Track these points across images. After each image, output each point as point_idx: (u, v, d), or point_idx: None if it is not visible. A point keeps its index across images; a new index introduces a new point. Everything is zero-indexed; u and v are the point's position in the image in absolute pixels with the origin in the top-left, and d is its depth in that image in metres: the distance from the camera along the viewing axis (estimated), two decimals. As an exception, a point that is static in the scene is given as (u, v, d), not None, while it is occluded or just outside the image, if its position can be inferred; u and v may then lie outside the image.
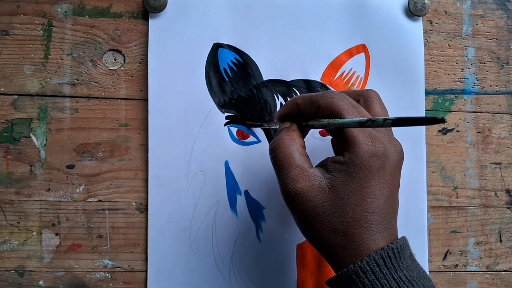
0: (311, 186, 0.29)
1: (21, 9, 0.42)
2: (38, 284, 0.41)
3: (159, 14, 0.42)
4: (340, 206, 0.28)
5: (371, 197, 0.28)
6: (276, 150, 0.31)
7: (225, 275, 0.42)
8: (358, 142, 0.28)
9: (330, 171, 0.29)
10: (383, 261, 0.27)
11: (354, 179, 0.28)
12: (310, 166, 0.30)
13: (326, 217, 0.28)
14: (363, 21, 0.43)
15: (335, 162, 0.29)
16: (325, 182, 0.29)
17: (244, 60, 0.42)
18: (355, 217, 0.28)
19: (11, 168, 0.41)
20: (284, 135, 0.31)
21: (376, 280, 0.26)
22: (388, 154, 0.29)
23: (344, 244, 0.28)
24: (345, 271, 0.28)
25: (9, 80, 0.42)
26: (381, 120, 0.26)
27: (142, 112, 0.42)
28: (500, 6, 0.46)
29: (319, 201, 0.29)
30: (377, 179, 0.28)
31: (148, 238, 0.41)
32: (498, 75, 0.45)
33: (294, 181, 0.29)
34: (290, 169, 0.30)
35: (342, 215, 0.28)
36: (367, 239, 0.28)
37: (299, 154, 0.30)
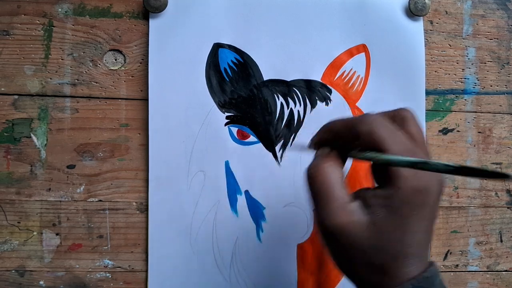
0: (351, 222, 0.27)
1: (22, 9, 0.42)
2: (39, 284, 0.41)
3: (159, 14, 0.42)
4: (379, 244, 0.27)
5: (412, 233, 0.27)
6: (315, 177, 0.29)
7: (225, 275, 0.42)
8: (402, 176, 0.27)
9: (370, 205, 0.28)
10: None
11: (395, 215, 0.27)
12: (350, 199, 0.28)
13: (363, 253, 0.27)
14: (363, 21, 0.43)
15: (376, 196, 0.28)
16: (364, 218, 0.27)
17: (245, 60, 0.42)
18: (394, 254, 0.27)
19: (11, 168, 0.41)
20: (324, 161, 0.29)
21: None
22: (430, 187, 0.27)
23: (378, 278, 0.27)
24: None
25: (10, 80, 0.42)
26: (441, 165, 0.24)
27: (142, 112, 0.42)
28: (501, 6, 0.46)
29: (357, 238, 0.27)
30: (419, 215, 0.27)
31: (149, 238, 0.41)
32: (498, 75, 0.45)
33: (334, 216, 0.27)
34: (329, 201, 0.28)
35: (380, 251, 0.27)
36: (401, 272, 0.27)
37: (339, 185, 0.28)
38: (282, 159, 0.42)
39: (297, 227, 0.42)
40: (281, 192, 0.42)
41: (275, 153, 0.42)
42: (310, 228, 0.42)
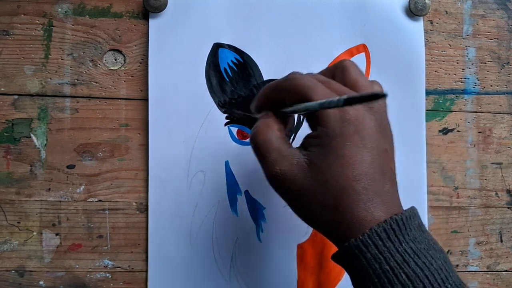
0: (290, 165, 0.28)
1: (22, 9, 0.42)
2: (39, 284, 0.41)
3: (159, 14, 0.42)
4: (322, 180, 0.27)
5: (351, 164, 0.27)
6: (254, 138, 0.30)
7: (225, 275, 0.42)
8: (326, 112, 0.28)
9: (307, 147, 0.29)
10: (386, 234, 0.26)
11: (329, 150, 0.27)
12: (289, 147, 0.29)
13: (312, 195, 0.28)
14: (363, 21, 0.43)
15: (309, 137, 0.29)
16: (303, 159, 0.28)
17: (245, 60, 0.42)
18: (340, 188, 0.27)
19: (11, 168, 0.41)
20: (260, 123, 0.31)
21: (379, 254, 0.26)
22: (363, 117, 0.28)
23: (338, 219, 0.27)
24: (346, 245, 0.27)
25: (10, 80, 0.42)
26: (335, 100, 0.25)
27: (142, 112, 0.42)
28: (501, 6, 0.46)
29: (301, 179, 0.28)
30: (353, 145, 0.27)
31: (149, 238, 0.41)
32: (498, 75, 0.45)
33: (274, 164, 0.29)
34: (268, 153, 0.29)
35: (327, 188, 0.27)
36: (358, 209, 0.27)
37: (276, 137, 0.30)
38: (282, 159, 0.42)
39: (297, 227, 0.42)
40: (281, 192, 0.42)
41: (275, 153, 0.42)
42: (310, 228, 0.42)
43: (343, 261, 0.28)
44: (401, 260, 0.25)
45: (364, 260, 0.26)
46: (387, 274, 0.25)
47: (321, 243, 0.42)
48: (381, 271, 0.26)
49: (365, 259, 0.26)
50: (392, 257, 0.26)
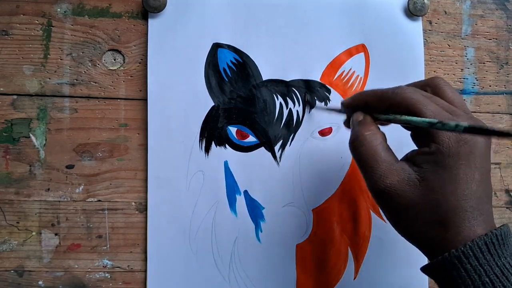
0: (401, 180, 0.28)
1: (21, 9, 0.42)
2: (38, 284, 0.41)
3: (158, 14, 0.42)
4: (433, 198, 0.27)
5: (463, 184, 0.27)
6: (359, 147, 0.30)
7: (224, 275, 0.42)
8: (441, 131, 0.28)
9: (418, 163, 0.28)
10: (487, 247, 0.26)
11: (444, 168, 0.27)
12: (396, 160, 0.29)
13: (419, 211, 0.28)
14: (362, 21, 0.43)
15: (421, 153, 0.29)
16: (414, 175, 0.28)
17: (244, 60, 0.42)
18: (450, 207, 0.27)
19: (10, 168, 0.41)
20: (364, 130, 0.31)
21: (479, 266, 0.26)
22: (474, 138, 0.28)
23: (441, 235, 0.27)
24: (446, 255, 0.27)
25: (9, 80, 0.42)
26: (453, 125, 0.26)
27: (141, 112, 0.42)
28: (500, 6, 0.46)
29: (410, 195, 0.28)
30: (467, 165, 0.27)
31: (148, 238, 0.41)
32: (497, 75, 0.45)
33: (383, 178, 0.29)
34: (377, 165, 0.29)
35: (436, 206, 0.27)
36: (463, 227, 0.27)
37: (383, 149, 0.30)
38: (281, 159, 0.42)
39: (296, 227, 0.42)
40: (280, 192, 0.42)
41: (274, 153, 0.42)
42: (309, 228, 0.42)
43: (437, 272, 0.28)
44: (500, 274, 0.26)
45: (463, 271, 0.26)
46: (487, 286, 0.26)
47: (320, 243, 0.42)
48: (480, 283, 0.26)
49: (465, 270, 0.26)
50: (492, 270, 0.26)
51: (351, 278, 0.43)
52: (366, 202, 0.43)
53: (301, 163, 0.42)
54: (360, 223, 0.43)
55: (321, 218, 0.43)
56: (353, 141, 0.31)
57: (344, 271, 0.43)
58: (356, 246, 0.43)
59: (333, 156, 0.43)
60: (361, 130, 0.31)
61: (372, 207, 0.43)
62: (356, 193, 0.43)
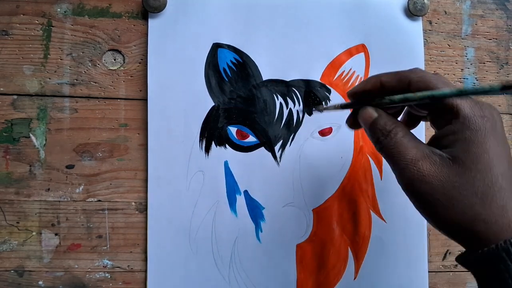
0: (433, 162, 0.27)
1: (21, 9, 0.42)
2: (38, 284, 0.41)
3: (158, 14, 0.42)
4: (470, 176, 0.26)
5: (497, 159, 0.26)
6: (389, 150, 0.29)
7: (224, 275, 0.42)
8: (463, 106, 0.27)
9: (446, 145, 0.27)
10: None
11: (474, 144, 0.26)
12: (426, 146, 0.28)
13: (458, 192, 0.26)
14: (362, 21, 0.43)
15: (446, 134, 0.28)
16: (446, 156, 0.27)
17: (244, 60, 0.42)
18: (488, 184, 0.26)
19: (10, 168, 0.41)
20: (385, 130, 0.29)
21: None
22: (494, 115, 0.27)
23: (485, 217, 0.26)
24: (493, 247, 0.25)
25: (9, 80, 0.42)
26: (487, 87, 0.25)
27: (141, 112, 0.42)
28: (500, 6, 0.46)
29: (446, 176, 0.26)
30: (495, 140, 0.26)
31: (148, 238, 0.41)
32: (497, 75, 0.45)
33: (414, 162, 0.27)
34: (405, 152, 0.28)
35: (474, 184, 0.26)
36: (507, 207, 0.25)
37: (410, 139, 0.28)
38: (281, 159, 0.42)
39: (296, 227, 0.42)
40: (280, 192, 0.42)
41: (274, 153, 0.42)
42: (309, 228, 0.42)
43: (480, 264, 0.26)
44: None
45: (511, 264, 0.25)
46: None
47: (321, 243, 0.42)
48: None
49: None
50: None
51: (351, 278, 0.43)
52: (366, 202, 0.43)
53: (301, 163, 0.42)
54: (360, 223, 0.43)
55: (321, 218, 0.43)
56: (382, 148, 0.29)
57: (344, 271, 0.43)
58: (356, 246, 0.43)
59: (333, 156, 0.43)
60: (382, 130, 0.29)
61: (372, 207, 0.43)
62: (356, 193, 0.43)
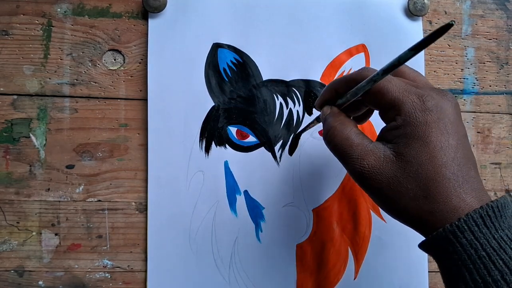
0: (377, 159, 0.29)
1: (21, 9, 0.42)
2: (38, 284, 0.41)
3: (158, 14, 0.42)
4: (411, 170, 0.27)
5: (438, 150, 0.27)
6: (332, 139, 0.31)
7: (224, 275, 0.42)
8: (404, 101, 0.28)
9: (390, 139, 0.29)
10: (482, 220, 0.26)
11: (415, 139, 0.28)
12: (370, 142, 0.30)
13: (401, 186, 0.28)
14: (362, 21, 0.43)
15: (390, 129, 0.29)
16: (389, 152, 0.28)
17: (244, 60, 0.42)
18: (430, 176, 0.27)
19: (10, 168, 0.41)
20: (333, 122, 0.31)
21: (475, 240, 0.25)
22: (442, 105, 0.28)
23: (429, 208, 0.27)
24: (441, 231, 0.26)
25: (9, 80, 0.42)
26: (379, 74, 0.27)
27: (141, 112, 0.42)
28: (500, 6, 0.46)
29: (389, 171, 0.28)
30: (438, 132, 0.28)
31: (148, 238, 0.41)
32: (497, 75, 0.45)
33: (360, 160, 0.29)
34: (352, 150, 0.29)
35: (416, 178, 0.27)
36: (451, 196, 0.27)
37: (355, 133, 0.30)
38: (281, 159, 0.42)
39: (296, 227, 0.42)
40: (280, 192, 0.42)
41: (274, 153, 0.42)
42: (309, 228, 0.42)
43: (433, 248, 0.28)
44: (497, 247, 0.25)
45: (459, 246, 0.26)
46: (484, 260, 0.25)
47: (320, 243, 0.42)
48: (477, 257, 0.25)
49: (461, 244, 0.26)
50: (489, 243, 0.25)
51: (351, 278, 0.43)
52: (366, 202, 0.43)
53: (301, 163, 0.42)
54: (360, 223, 0.43)
55: (321, 218, 0.43)
56: (326, 134, 0.31)
57: (344, 271, 0.43)
58: (356, 246, 0.43)
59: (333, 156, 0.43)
60: (331, 122, 0.31)
61: (372, 207, 0.43)
62: (356, 193, 0.43)
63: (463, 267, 0.26)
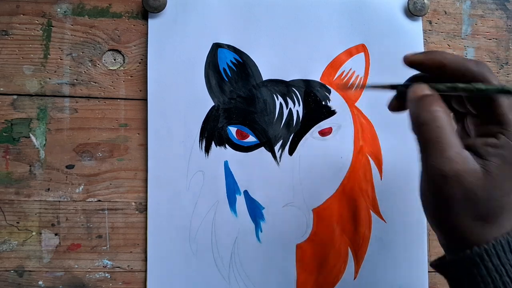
0: (466, 169, 0.26)
1: (21, 9, 0.42)
2: (38, 284, 0.41)
3: (158, 14, 0.42)
4: (494, 194, 0.26)
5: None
6: (429, 124, 0.27)
7: (224, 275, 0.42)
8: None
9: (482, 154, 0.27)
10: (509, 247, 0.26)
11: (510, 165, 0.26)
12: (462, 147, 0.27)
13: (475, 204, 0.26)
14: (362, 21, 0.43)
15: (488, 145, 0.27)
16: (478, 166, 0.27)
17: (244, 60, 0.42)
18: (504, 205, 0.26)
19: (10, 168, 0.41)
20: (436, 105, 0.28)
21: (501, 265, 0.25)
22: None
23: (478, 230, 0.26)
24: (468, 252, 0.26)
25: (9, 80, 0.42)
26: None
27: (141, 112, 0.42)
28: (500, 6, 0.46)
29: (473, 186, 0.26)
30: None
31: (148, 238, 0.41)
32: (497, 75, 0.45)
33: (451, 162, 0.26)
34: (448, 147, 0.27)
35: (494, 203, 0.26)
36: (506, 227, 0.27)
37: (453, 131, 0.28)
38: (281, 159, 0.42)
39: (296, 227, 0.42)
40: (280, 192, 0.42)
41: (274, 153, 0.42)
42: (309, 228, 0.42)
43: (454, 268, 0.27)
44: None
45: (484, 270, 0.26)
46: (507, 286, 0.25)
47: (320, 243, 0.42)
48: (501, 283, 0.25)
49: (486, 268, 0.26)
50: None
51: (351, 278, 0.43)
52: (366, 202, 0.43)
53: (301, 163, 0.42)
54: (360, 223, 0.43)
55: (321, 218, 0.43)
56: (420, 115, 0.28)
57: (344, 271, 0.43)
58: (356, 246, 0.43)
59: (333, 156, 0.43)
60: (430, 105, 0.28)
61: (372, 207, 0.43)
62: (356, 193, 0.43)
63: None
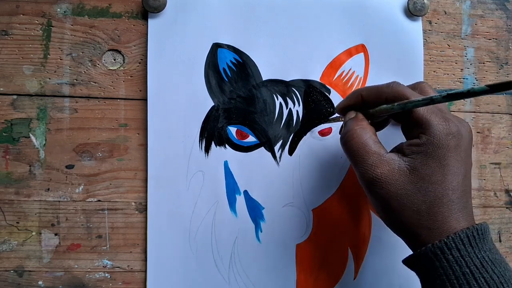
0: (391, 170, 0.30)
1: (21, 9, 0.42)
2: (38, 284, 0.41)
3: (158, 14, 0.42)
4: (422, 186, 0.29)
5: (451, 175, 0.29)
6: (349, 141, 0.32)
7: (224, 275, 0.42)
8: (432, 123, 0.30)
9: (408, 154, 0.30)
10: (468, 240, 0.28)
11: (433, 159, 0.29)
12: (386, 152, 0.31)
13: (409, 199, 0.29)
14: (362, 21, 0.43)
15: (411, 145, 0.30)
16: (404, 164, 0.30)
17: (243, 60, 0.42)
18: (438, 196, 0.29)
19: (10, 168, 0.41)
20: (354, 125, 0.32)
21: (461, 257, 0.27)
22: (461, 133, 0.30)
23: (428, 224, 0.29)
24: (429, 246, 0.28)
25: (9, 80, 0.42)
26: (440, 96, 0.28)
27: (141, 112, 0.42)
28: (500, 6, 0.46)
29: (401, 183, 0.29)
30: (455, 157, 0.29)
31: (148, 238, 0.41)
32: (497, 75, 0.45)
33: (374, 167, 0.30)
34: (367, 156, 0.31)
35: (425, 195, 0.29)
36: (450, 217, 0.29)
37: (373, 141, 0.31)
38: (281, 159, 0.42)
39: (296, 227, 0.42)
40: (280, 192, 0.42)
41: (274, 153, 0.42)
42: (309, 228, 0.42)
43: (420, 263, 0.29)
44: (480, 266, 0.27)
45: (445, 262, 0.28)
46: (467, 277, 0.27)
47: (320, 243, 0.42)
48: (461, 274, 0.27)
49: (447, 261, 0.28)
50: (472, 262, 0.27)
51: (351, 278, 0.43)
52: (366, 202, 0.43)
53: (301, 163, 0.42)
54: (360, 223, 0.43)
55: (321, 218, 0.43)
56: (344, 135, 0.33)
57: (344, 271, 0.43)
58: (356, 246, 0.43)
59: (333, 156, 0.43)
60: (352, 125, 0.32)
61: (372, 207, 0.43)
62: (356, 193, 0.43)
63: (447, 282, 0.27)
